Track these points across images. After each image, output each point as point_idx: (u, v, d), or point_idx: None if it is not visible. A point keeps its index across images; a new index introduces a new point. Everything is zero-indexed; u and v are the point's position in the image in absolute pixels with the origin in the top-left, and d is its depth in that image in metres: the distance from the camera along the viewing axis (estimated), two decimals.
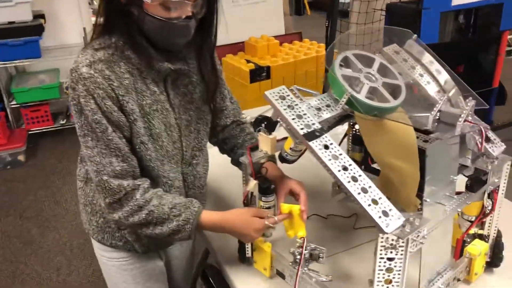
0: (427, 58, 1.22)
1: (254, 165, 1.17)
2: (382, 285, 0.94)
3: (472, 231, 1.20)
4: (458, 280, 1.15)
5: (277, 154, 1.24)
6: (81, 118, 1.08)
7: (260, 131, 1.16)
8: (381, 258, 0.92)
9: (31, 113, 3.78)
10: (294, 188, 1.21)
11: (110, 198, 1.11)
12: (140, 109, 1.12)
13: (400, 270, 0.92)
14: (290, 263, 1.15)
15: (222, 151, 1.42)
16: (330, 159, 0.94)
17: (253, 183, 1.15)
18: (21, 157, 3.59)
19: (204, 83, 1.24)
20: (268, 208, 1.22)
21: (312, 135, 0.97)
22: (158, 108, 1.15)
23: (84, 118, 1.07)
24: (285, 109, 1.00)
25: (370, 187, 0.93)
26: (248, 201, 1.17)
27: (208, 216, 1.17)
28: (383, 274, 0.93)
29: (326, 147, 0.96)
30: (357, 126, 1.41)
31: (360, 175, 0.94)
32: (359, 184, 0.92)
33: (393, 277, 0.93)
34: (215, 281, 1.29)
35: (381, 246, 0.90)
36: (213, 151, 1.44)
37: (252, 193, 1.16)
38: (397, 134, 1.08)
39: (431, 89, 1.17)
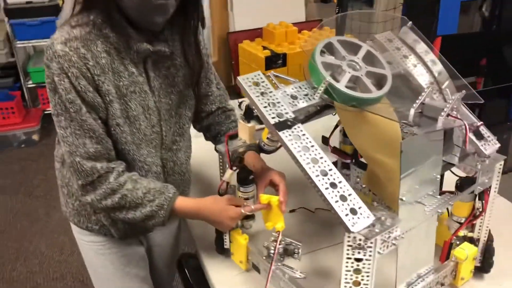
0: (422, 47, 1.14)
1: (232, 154, 1.12)
2: (350, 287, 0.89)
3: (461, 233, 1.12)
4: (442, 284, 1.08)
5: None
6: (55, 97, 1.05)
7: (239, 119, 1.11)
8: (348, 258, 0.86)
9: (47, 93, 3.81)
10: (274, 179, 1.16)
11: (83, 180, 1.09)
12: (116, 90, 1.08)
13: (368, 272, 0.87)
14: (264, 257, 1.11)
15: (206, 138, 1.38)
16: (299, 151, 0.89)
17: (229, 173, 1.10)
18: (35, 137, 3.64)
19: (188, 66, 1.20)
20: (247, 199, 1.17)
21: (283, 125, 0.91)
22: (136, 90, 1.11)
23: (58, 97, 1.05)
24: (257, 96, 0.95)
25: (340, 182, 0.87)
26: (224, 191, 1.13)
27: (183, 202, 1.13)
28: (351, 275, 0.88)
29: (297, 138, 0.90)
30: None
31: (330, 169, 0.88)
32: (328, 179, 0.87)
33: (362, 279, 0.88)
34: (189, 271, 1.25)
35: (348, 245, 0.85)
36: (202, 138, 1.41)
37: (228, 183, 1.12)
38: (379, 127, 1.01)
39: (424, 81, 1.10)
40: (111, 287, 1.31)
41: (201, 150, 1.39)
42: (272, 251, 1.08)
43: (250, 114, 1.06)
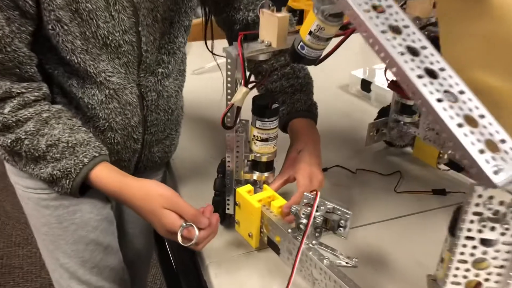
0: None
1: (248, 64, 0.70)
2: None
3: None
4: None
5: None
6: None
7: (263, 7, 0.68)
8: (469, 238, 0.45)
9: None
10: (299, 180, 0.79)
11: None
12: None
13: (502, 267, 0.46)
14: (290, 230, 0.70)
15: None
16: (378, 26, 0.47)
17: (241, 92, 0.68)
18: None
19: None
20: (265, 140, 0.76)
21: None
22: None
23: None
24: None
25: (462, 92, 0.45)
26: (231, 123, 0.71)
27: (103, 177, 0.75)
28: (467, 269, 0.47)
29: (380, 9, 0.48)
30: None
31: (442, 69, 0.46)
32: (441, 84, 0.45)
33: (487, 279, 0.47)
34: (170, 245, 0.85)
35: (475, 213, 0.43)
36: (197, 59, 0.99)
37: (238, 108, 0.70)
38: (505, 21, 0.60)
39: None
40: (59, 255, 0.91)
41: (199, 80, 0.99)
42: (303, 221, 0.67)
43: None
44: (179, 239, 0.68)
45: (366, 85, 1.26)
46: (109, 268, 0.95)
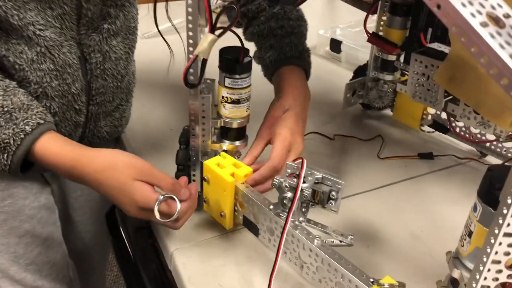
0: None
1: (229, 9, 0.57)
2: None
3: None
4: None
5: None
6: None
7: None
8: None
9: None
10: (274, 150, 0.68)
11: None
12: None
13: None
14: (272, 207, 0.59)
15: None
16: None
17: (207, 40, 0.55)
18: None
19: None
20: (237, 102, 0.64)
21: None
22: None
23: None
24: None
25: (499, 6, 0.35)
26: (194, 78, 0.58)
27: (52, 148, 0.60)
28: (510, 244, 0.37)
29: None
30: None
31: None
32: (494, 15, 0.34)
33: None
34: (125, 230, 0.72)
35: None
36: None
37: (204, 61, 0.57)
38: None
39: None
40: None
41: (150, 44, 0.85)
42: (288, 195, 0.56)
43: None
44: (157, 215, 0.55)
45: (335, 45, 1.16)
46: (50, 264, 0.80)
